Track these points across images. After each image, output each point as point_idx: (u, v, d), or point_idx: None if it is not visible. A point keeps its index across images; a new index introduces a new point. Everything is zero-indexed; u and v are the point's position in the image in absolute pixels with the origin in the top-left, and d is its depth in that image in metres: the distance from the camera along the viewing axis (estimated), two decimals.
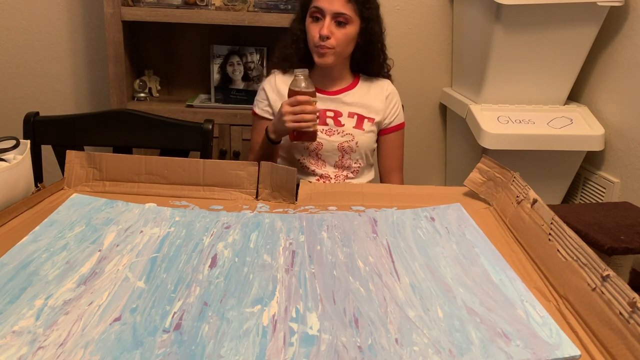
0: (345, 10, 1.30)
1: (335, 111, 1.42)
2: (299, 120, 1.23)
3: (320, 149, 1.41)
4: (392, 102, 1.47)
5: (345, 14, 1.30)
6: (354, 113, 1.42)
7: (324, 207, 0.95)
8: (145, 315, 0.62)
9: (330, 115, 1.41)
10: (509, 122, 1.83)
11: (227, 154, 1.99)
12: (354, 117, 1.42)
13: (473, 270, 0.74)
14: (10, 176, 0.88)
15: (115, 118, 1.40)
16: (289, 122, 1.23)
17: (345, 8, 1.30)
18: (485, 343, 0.59)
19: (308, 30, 1.34)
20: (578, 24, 1.79)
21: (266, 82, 1.46)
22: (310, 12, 1.33)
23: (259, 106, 1.47)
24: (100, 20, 2.06)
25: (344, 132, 1.41)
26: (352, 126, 1.42)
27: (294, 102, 1.23)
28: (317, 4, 1.31)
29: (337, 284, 0.70)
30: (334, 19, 1.30)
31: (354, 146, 1.42)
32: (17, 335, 0.57)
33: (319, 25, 1.31)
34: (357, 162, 1.45)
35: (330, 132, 1.41)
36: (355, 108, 1.43)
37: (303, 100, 1.23)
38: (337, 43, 1.32)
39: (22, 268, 0.70)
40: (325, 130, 1.40)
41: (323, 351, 0.57)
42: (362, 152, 1.44)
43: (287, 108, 1.23)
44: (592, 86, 1.98)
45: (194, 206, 0.93)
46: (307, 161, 1.42)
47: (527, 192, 0.88)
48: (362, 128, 1.42)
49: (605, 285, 0.62)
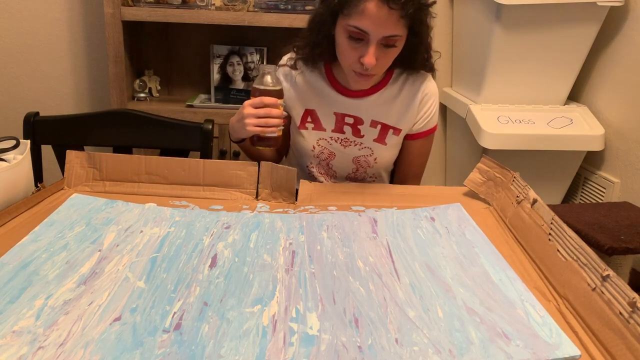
0: (397, 31, 1.00)
1: (355, 117, 1.18)
2: (262, 125, 1.02)
3: (332, 160, 1.24)
4: (427, 105, 1.19)
5: (397, 35, 1.01)
6: (377, 122, 1.19)
7: (324, 207, 0.95)
8: (145, 315, 0.62)
9: (349, 122, 1.19)
10: (509, 122, 1.83)
11: (227, 154, 1.99)
12: (377, 126, 1.19)
13: (473, 270, 0.74)
14: (10, 176, 0.88)
15: (115, 118, 1.39)
16: (251, 125, 1.02)
17: (397, 28, 0.99)
18: (485, 343, 0.59)
19: (343, 48, 1.06)
20: (578, 24, 1.79)
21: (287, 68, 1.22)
22: (349, 31, 1.01)
23: None
24: (100, 20, 2.06)
25: (362, 145, 1.21)
26: (374, 138, 1.20)
27: (259, 104, 1.02)
28: (360, 25, 0.99)
29: (337, 284, 0.70)
30: (382, 42, 1.01)
31: (371, 162, 1.23)
32: (17, 335, 0.57)
33: (359, 49, 1.02)
34: (371, 177, 1.27)
35: (347, 143, 1.21)
36: (380, 115, 1.18)
37: (269, 102, 1.02)
38: (381, 68, 1.07)
39: (22, 268, 0.70)
40: (340, 140, 1.21)
41: (323, 351, 0.57)
42: (379, 169, 1.26)
43: (251, 110, 1.02)
44: (592, 86, 1.98)
45: (194, 206, 0.93)
46: (317, 170, 1.27)
47: (527, 192, 0.88)
48: (385, 142, 1.20)
49: (605, 285, 0.62)
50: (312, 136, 1.22)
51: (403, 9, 0.97)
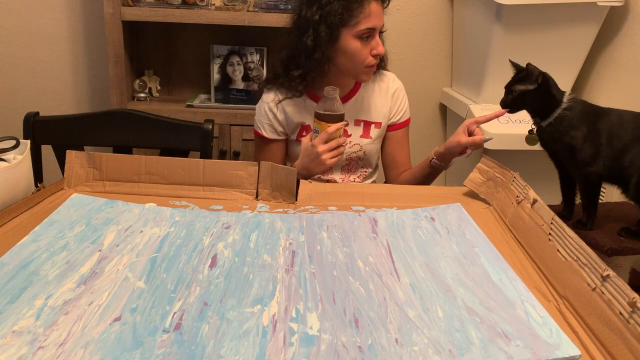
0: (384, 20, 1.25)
1: None
2: (338, 154, 1.17)
3: None
4: (398, 99, 1.39)
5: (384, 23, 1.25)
6: (360, 120, 1.36)
7: (324, 207, 0.95)
8: (145, 315, 0.62)
9: None
10: (509, 122, 1.83)
11: (227, 154, 1.99)
12: (360, 124, 1.36)
13: (473, 270, 0.74)
14: (10, 176, 0.88)
15: (115, 118, 1.39)
16: (329, 159, 1.16)
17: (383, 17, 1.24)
18: (485, 343, 0.59)
19: (356, 52, 1.22)
20: (578, 24, 1.79)
21: (271, 102, 1.34)
22: (360, 34, 1.20)
23: (266, 129, 1.35)
24: (100, 20, 2.06)
25: (351, 144, 1.36)
26: (359, 135, 1.37)
27: (327, 139, 1.15)
28: (370, 25, 1.20)
29: (337, 284, 0.70)
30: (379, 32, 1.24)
31: (361, 155, 1.39)
32: (17, 335, 0.57)
33: (368, 46, 1.22)
34: (363, 167, 1.42)
35: None
36: (360, 114, 1.36)
37: (334, 131, 1.14)
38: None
39: (22, 268, 0.70)
40: None
41: (323, 351, 0.57)
42: (369, 159, 1.41)
43: (323, 147, 1.15)
44: (592, 86, 1.98)
45: (194, 206, 0.93)
46: None
47: (527, 192, 0.88)
48: (370, 136, 1.37)
49: (605, 285, 0.62)
50: None
51: (384, 3, 1.25)
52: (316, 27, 1.20)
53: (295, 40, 1.26)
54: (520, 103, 1.22)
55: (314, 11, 1.20)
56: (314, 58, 1.23)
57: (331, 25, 1.19)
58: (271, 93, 1.34)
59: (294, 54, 1.27)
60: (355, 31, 1.19)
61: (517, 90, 1.20)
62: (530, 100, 1.20)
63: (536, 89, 1.18)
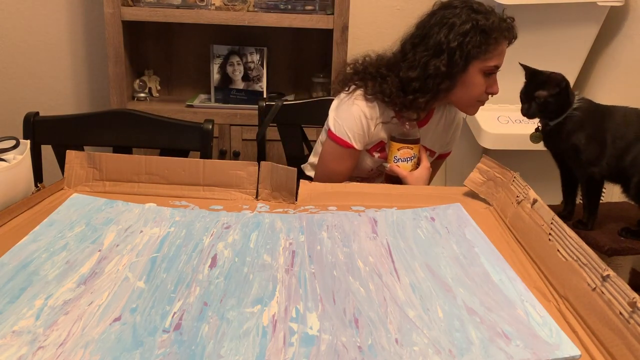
0: None
1: None
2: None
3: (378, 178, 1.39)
4: (456, 132, 1.42)
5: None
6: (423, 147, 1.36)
7: (324, 207, 0.95)
8: (145, 315, 0.62)
9: None
10: (509, 122, 1.83)
11: (227, 154, 1.99)
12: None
13: (473, 270, 0.74)
14: (10, 176, 0.88)
15: (115, 118, 1.39)
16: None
17: None
18: (485, 343, 0.59)
19: (476, 86, 1.23)
20: (578, 24, 1.79)
21: (370, 120, 1.27)
22: (487, 70, 1.21)
23: (358, 140, 1.27)
24: (100, 20, 2.06)
25: None
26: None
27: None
28: (497, 63, 1.22)
29: (337, 284, 0.70)
30: None
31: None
32: (17, 335, 0.57)
33: (486, 82, 1.23)
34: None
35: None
36: (425, 140, 1.34)
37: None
38: None
39: (22, 268, 0.70)
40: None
41: (323, 351, 0.57)
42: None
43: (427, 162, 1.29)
44: (592, 86, 1.98)
45: (194, 206, 0.93)
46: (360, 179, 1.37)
47: (527, 192, 0.88)
48: None
49: (605, 285, 0.62)
50: (375, 162, 1.34)
51: (510, 44, 1.25)
52: (451, 53, 1.18)
53: (423, 61, 1.22)
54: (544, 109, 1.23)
55: (451, 37, 1.18)
56: (442, 84, 1.21)
57: (467, 56, 1.18)
58: (368, 106, 1.26)
59: (422, 75, 1.22)
60: (484, 66, 1.20)
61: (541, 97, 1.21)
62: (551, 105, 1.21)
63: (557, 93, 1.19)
